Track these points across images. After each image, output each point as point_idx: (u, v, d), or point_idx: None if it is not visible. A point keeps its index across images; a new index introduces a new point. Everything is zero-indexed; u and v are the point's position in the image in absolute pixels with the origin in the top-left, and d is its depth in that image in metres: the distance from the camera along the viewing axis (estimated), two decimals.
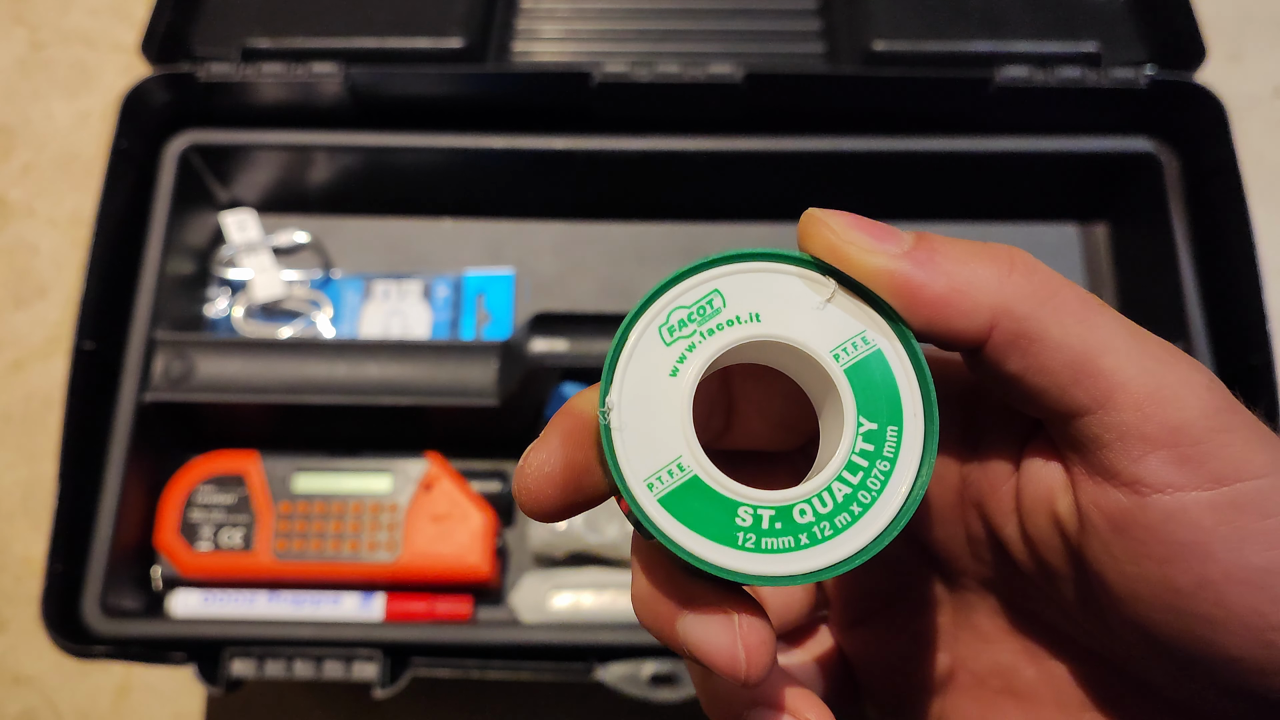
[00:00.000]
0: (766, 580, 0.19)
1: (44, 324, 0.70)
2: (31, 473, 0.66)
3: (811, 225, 0.19)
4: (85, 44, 0.78)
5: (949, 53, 0.60)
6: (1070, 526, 0.19)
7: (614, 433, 0.19)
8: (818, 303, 0.19)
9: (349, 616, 0.54)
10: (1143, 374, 0.17)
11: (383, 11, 0.61)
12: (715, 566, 0.19)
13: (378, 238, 0.65)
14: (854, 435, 0.19)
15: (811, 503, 0.19)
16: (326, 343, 0.57)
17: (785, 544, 0.19)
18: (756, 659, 0.19)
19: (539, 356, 0.52)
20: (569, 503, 0.20)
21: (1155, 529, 0.17)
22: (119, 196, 0.57)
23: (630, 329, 0.19)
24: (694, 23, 0.65)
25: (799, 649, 0.26)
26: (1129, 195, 0.62)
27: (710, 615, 0.19)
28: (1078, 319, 0.18)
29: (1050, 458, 0.20)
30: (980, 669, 0.23)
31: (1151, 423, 0.17)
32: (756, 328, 0.19)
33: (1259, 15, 0.77)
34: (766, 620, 0.19)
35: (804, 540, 0.19)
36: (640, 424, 0.19)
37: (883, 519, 0.19)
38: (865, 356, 0.19)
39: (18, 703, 0.61)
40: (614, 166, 0.61)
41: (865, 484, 0.19)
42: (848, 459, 0.19)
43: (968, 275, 0.18)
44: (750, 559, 0.19)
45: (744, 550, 0.19)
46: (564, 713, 0.60)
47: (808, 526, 0.19)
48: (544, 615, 0.55)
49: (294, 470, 0.55)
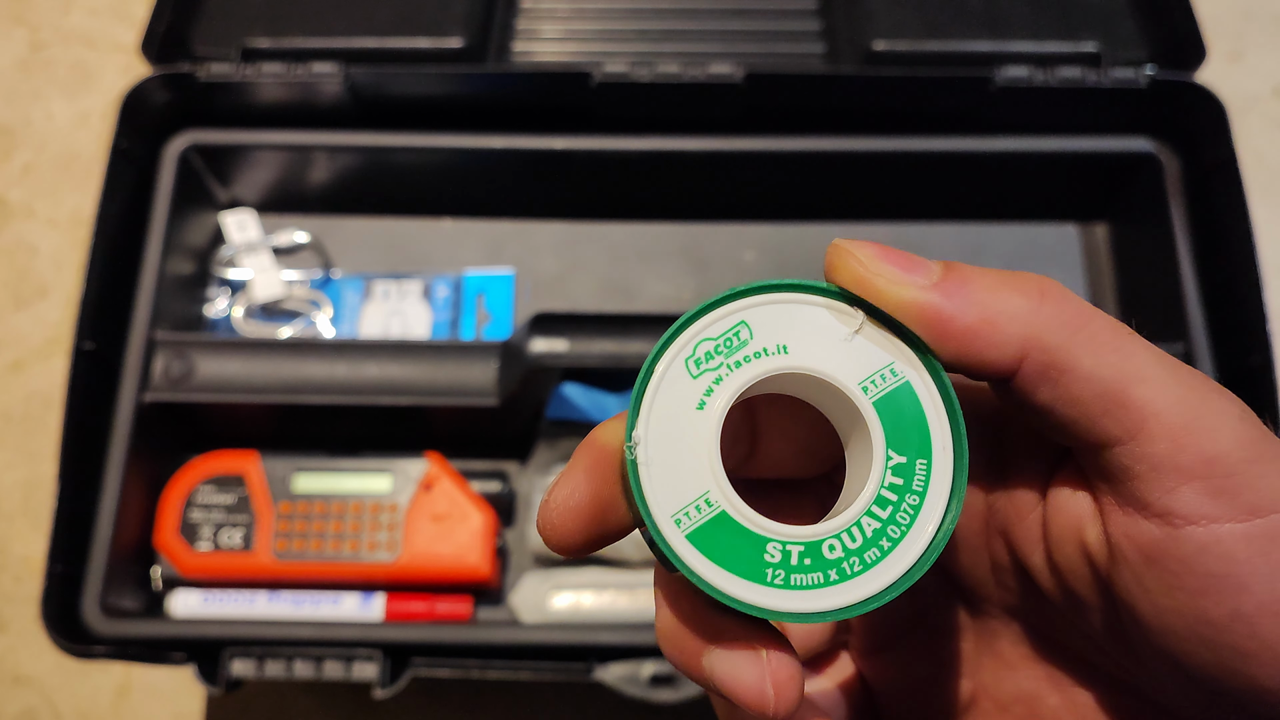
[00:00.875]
0: (796, 617, 0.18)
1: (44, 324, 0.70)
2: (31, 473, 0.66)
3: (838, 256, 0.19)
4: (85, 44, 0.78)
5: (949, 53, 0.60)
6: (1099, 556, 0.19)
7: (640, 467, 0.19)
8: (846, 334, 0.19)
9: (349, 616, 0.54)
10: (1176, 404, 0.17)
11: (383, 11, 0.61)
12: (744, 604, 0.18)
13: (378, 238, 0.65)
14: (883, 469, 0.19)
15: (841, 538, 0.19)
16: (326, 343, 0.57)
17: (815, 580, 0.19)
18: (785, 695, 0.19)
19: (539, 356, 0.52)
20: (594, 537, 0.20)
21: (1188, 561, 0.17)
22: (119, 196, 0.57)
23: (657, 361, 0.19)
24: (694, 23, 0.65)
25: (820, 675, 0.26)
26: (1129, 195, 0.62)
27: (738, 651, 0.19)
28: (1110, 349, 0.18)
29: (1079, 487, 0.19)
30: (1003, 696, 0.23)
31: (1185, 454, 0.17)
32: (784, 360, 0.19)
33: (1259, 14, 0.77)
34: (794, 655, 0.19)
35: (833, 576, 0.19)
36: (667, 458, 0.19)
37: (912, 554, 0.19)
38: (894, 389, 0.19)
39: (18, 703, 0.61)
40: (614, 166, 0.61)
41: (895, 518, 0.19)
42: (877, 493, 0.19)
43: (998, 306, 0.18)
44: (779, 596, 0.18)
45: (773, 587, 0.18)
46: (564, 713, 0.60)
47: (837, 562, 0.19)
48: (544, 615, 0.55)
49: (294, 470, 0.55)
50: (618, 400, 0.57)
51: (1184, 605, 0.17)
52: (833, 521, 0.19)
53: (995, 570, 0.22)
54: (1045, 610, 0.21)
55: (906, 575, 0.19)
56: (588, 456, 0.20)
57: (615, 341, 0.52)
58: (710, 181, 0.62)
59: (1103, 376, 0.17)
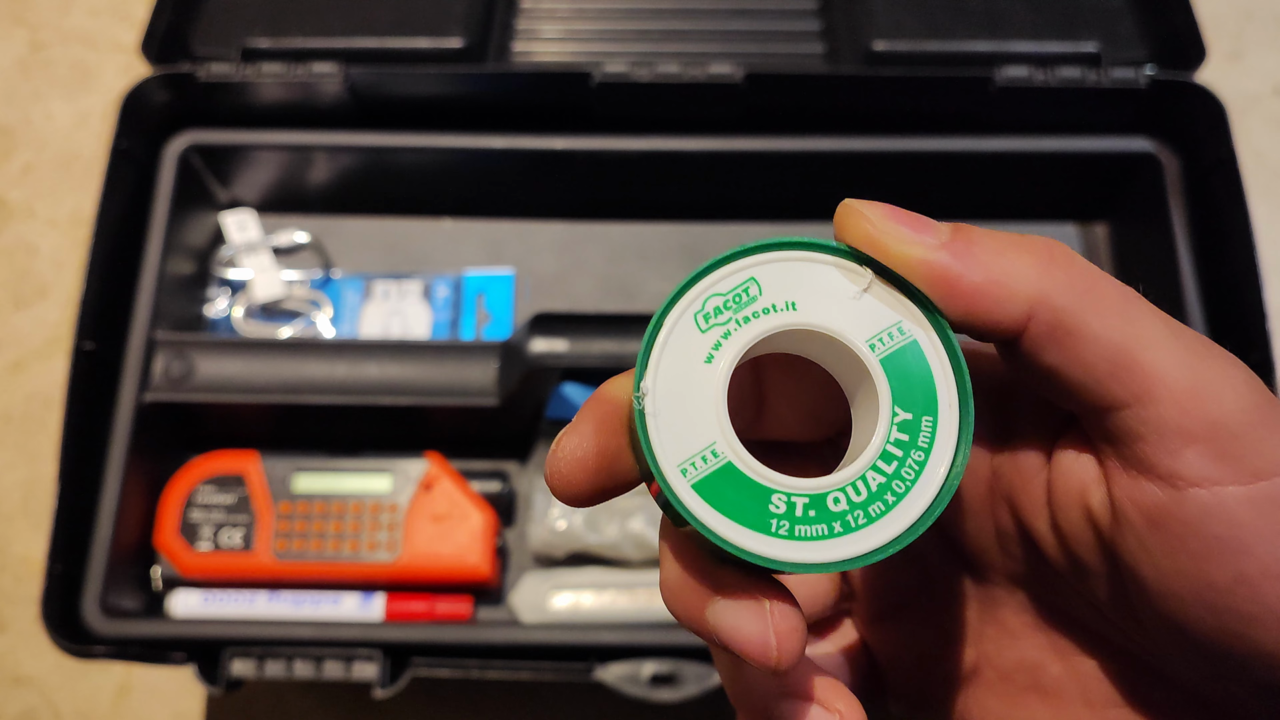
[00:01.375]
0: (800, 567, 0.19)
1: (44, 324, 0.70)
2: (31, 473, 0.66)
3: (849, 216, 0.19)
4: (85, 44, 0.78)
5: (949, 53, 0.60)
6: (1103, 521, 0.19)
7: (648, 418, 0.19)
8: (854, 292, 0.19)
9: (349, 616, 0.54)
10: (1182, 369, 0.17)
11: (383, 11, 0.61)
12: (748, 552, 0.18)
13: (378, 238, 0.65)
14: (889, 424, 0.19)
15: (846, 491, 0.19)
16: (326, 343, 0.57)
17: (819, 531, 0.19)
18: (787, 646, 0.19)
19: (539, 356, 0.52)
20: (600, 488, 0.20)
21: (1192, 524, 0.17)
22: (119, 196, 0.57)
23: (665, 315, 0.19)
24: (694, 23, 0.65)
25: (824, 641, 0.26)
26: (1129, 195, 0.62)
27: (741, 601, 0.19)
28: (1117, 313, 0.18)
29: (1083, 451, 0.20)
30: (1006, 665, 0.23)
31: (1190, 417, 0.17)
32: (792, 316, 0.19)
33: (1259, 13, 0.77)
34: (797, 608, 0.19)
35: (838, 528, 0.19)
36: (674, 410, 0.19)
37: (917, 508, 0.19)
38: (901, 346, 0.19)
39: (18, 703, 0.61)
40: (614, 166, 0.61)
41: (900, 473, 0.19)
42: (882, 448, 0.19)
43: (1005, 267, 0.18)
44: (783, 546, 0.19)
45: (777, 537, 0.19)
46: (564, 713, 0.59)
47: (841, 514, 0.19)
48: (544, 615, 0.55)
49: (294, 470, 0.55)
50: None
51: (1187, 569, 0.17)
52: (838, 475, 0.19)
53: (999, 537, 0.22)
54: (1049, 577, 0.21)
55: (911, 529, 0.19)
56: (596, 409, 0.20)
57: (615, 341, 0.52)
58: (710, 181, 0.62)
59: (1110, 339, 0.18)
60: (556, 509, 0.56)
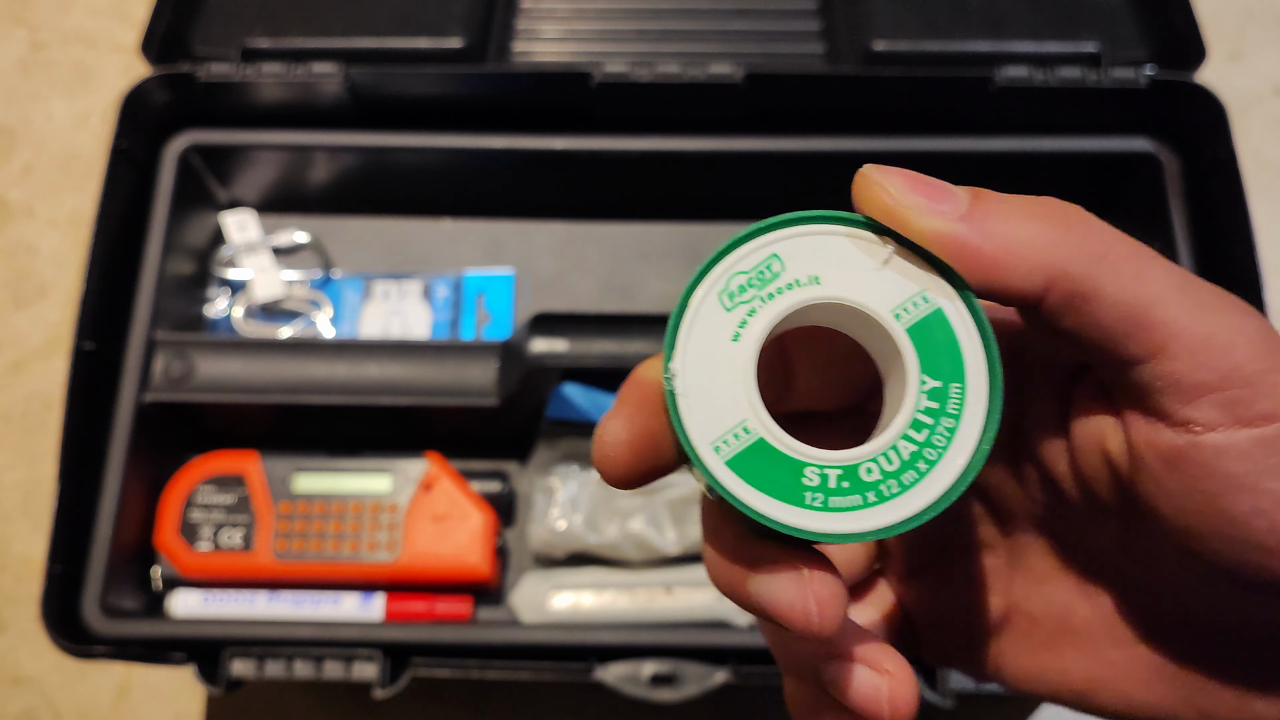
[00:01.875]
0: (836, 538, 0.19)
1: (44, 324, 0.70)
2: (31, 473, 0.66)
3: (867, 186, 0.20)
4: (85, 44, 0.78)
5: (949, 53, 0.60)
6: (1122, 464, 0.20)
7: (679, 398, 0.19)
8: (876, 263, 0.20)
9: (349, 616, 0.54)
10: (1195, 323, 0.18)
11: (383, 11, 0.61)
12: (784, 525, 0.19)
13: (378, 238, 0.65)
14: (917, 393, 0.19)
15: (878, 461, 0.19)
16: (326, 343, 0.57)
17: (853, 502, 0.19)
18: (828, 612, 0.19)
19: (539, 356, 0.52)
20: (645, 469, 0.21)
21: (1207, 465, 0.18)
22: (119, 196, 0.57)
23: (691, 295, 0.20)
24: (694, 23, 0.65)
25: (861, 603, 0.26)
26: (1129, 195, 0.61)
27: (780, 573, 0.20)
28: (1131, 275, 0.18)
29: (1101, 399, 0.20)
30: (1035, 610, 0.24)
31: (1203, 369, 0.18)
32: (817, 290, 0.20)
33: (1259, 13, 0.77)
34: (836, 574, 0.20)
35: (871, 498, 0.19)
36: (704, 388, 0.19)
37: (949, 475, 0.19)
38: (926, 315, 0.19)
39: (18, 703, 0.61)
40: (614, 166, 0.61)
41: (930, 441, 0.19)
42: (912, 417, 0.19)
43: (1023, 237, 0.19)
44: (818, 517, 0.19)
45: (812, 509, 0.19)
46: (564, 713, 0.60)
47: (874, 484, 0.19)
48: (544, 615, 0.55)
49: (294, 470, 0.55)
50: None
51: (1204, 506, 0.18)
52: (870, 445, 0.19)
53: (1023, 483, 0.23)
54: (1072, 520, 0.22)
55: (944, 496, 0.19)
56: (633, 392, 0.20)
57: (615, 341, 0.52)
58: (710, 181, 0.62)
59: (1126, 301, 0.18)
60: (556, 509, 0.56)
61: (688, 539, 0.55)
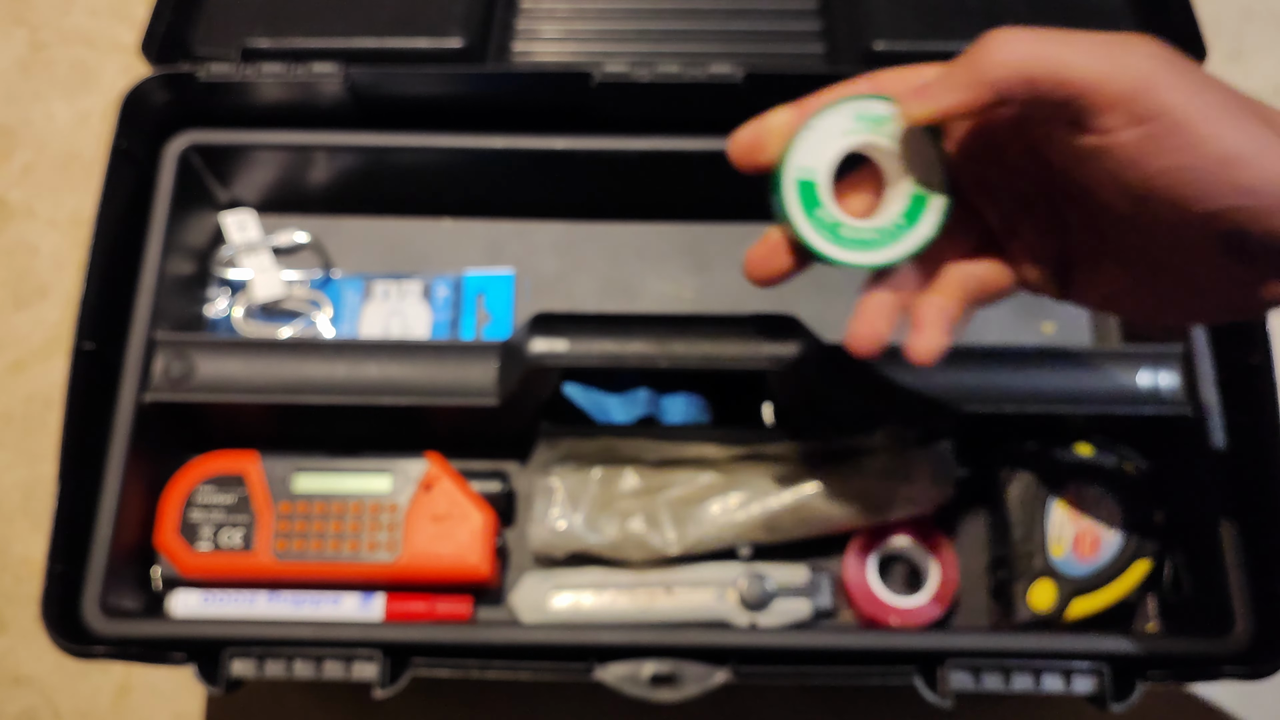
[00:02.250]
0: (849, 265, 0.40)
1: (44, 324, 0.70)
2: (31, 473, 0.66)
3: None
4: (85, 44, 0.78)
5: (949, 53, 0.59)
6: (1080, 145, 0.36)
7: (789, 151, 0.41)
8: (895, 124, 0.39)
9: (349, 616, 0.54)
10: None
11: (383, 11, 0.61)
12: (817, 250, 0.40)
13: (378, 238, 0.65)
14: (910, 189, 0.40)
15: (877, 227, 0.40)
16: (326, 343, 0.57)
17: (869, 239, 0.40)
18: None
19: (539, 356, 0.52)
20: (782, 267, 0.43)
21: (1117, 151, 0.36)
22: (119, 196, 0.57)
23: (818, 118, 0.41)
24: (694, 23, 0.65)
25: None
26: None
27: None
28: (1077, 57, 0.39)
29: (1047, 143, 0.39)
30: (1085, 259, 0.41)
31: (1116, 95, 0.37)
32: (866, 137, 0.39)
33: (1260, 13, 0.77)
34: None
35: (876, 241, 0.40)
36: (804, 159, 0.40)
37: (925, 231, 0.40)
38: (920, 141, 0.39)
39: (18, 703, 0.61)
40: (614, 166, 0.61)
41: (913, 215, 0.40)
42: (909, 201, 0.40)
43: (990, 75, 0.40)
44: (839, 249, 0.40)
45: (838, 245, 0.40)
46: (564, 713, 0.60)
47: (874, 239, 0.40)
48: (544, 615, 0.55)
49: (294, 470, 0.55)
50: (618, 400, 0.57)
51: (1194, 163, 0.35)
52: (878, 218, 0.40)
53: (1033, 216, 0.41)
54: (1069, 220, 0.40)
55: (925, 241, 0.40)
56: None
57: (615, 341, 0.52)
58: (710, 181, 0.62)
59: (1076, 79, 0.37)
60: (556, 509, 0.56)
61: (688, 539, 0.55)
